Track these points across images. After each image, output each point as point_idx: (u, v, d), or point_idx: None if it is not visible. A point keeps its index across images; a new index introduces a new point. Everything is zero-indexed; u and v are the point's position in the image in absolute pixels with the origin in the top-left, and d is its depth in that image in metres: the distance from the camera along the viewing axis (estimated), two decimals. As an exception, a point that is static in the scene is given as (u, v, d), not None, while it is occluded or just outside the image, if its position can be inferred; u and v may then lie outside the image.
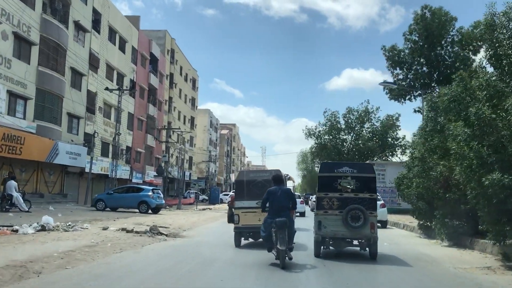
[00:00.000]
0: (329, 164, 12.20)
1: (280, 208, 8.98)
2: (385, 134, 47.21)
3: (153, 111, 51.15)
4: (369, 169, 10.46)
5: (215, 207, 46.52)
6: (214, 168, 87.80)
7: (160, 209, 28.30)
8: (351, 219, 9.72)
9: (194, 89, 71.77)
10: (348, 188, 9.97)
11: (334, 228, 9.87)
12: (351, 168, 10.19)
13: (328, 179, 10.08)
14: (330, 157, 45.47)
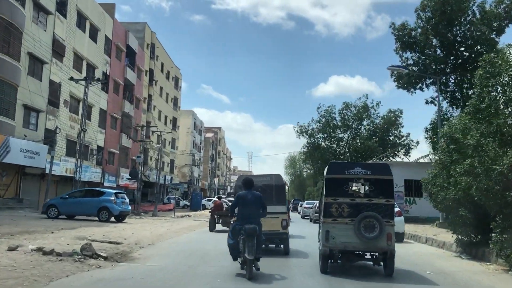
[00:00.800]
0: (339, 164, 11.19)
1: (250, 214, 8.35)
2: (386, 132, 42.50)
3: (130, 108, 46.36)
4: (385, 170, 8.87)
5: (196, 214, 41.80)
6: (198, 173, 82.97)
7: (125, 216, 23.54)
8: (365, 228, 8.36)
9: (177, 88, 67.06)
10: (361, 193, 8.71)
11: (345, 239, 8.45)
12: (364, 169, 8.76)
13: (337, 182, 8.71)
14: (324, 158, 41.39)
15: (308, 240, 15.92)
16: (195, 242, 15.07)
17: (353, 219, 8.41)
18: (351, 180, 8.71)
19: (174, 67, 65.16)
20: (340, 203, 8.54)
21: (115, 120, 43.73)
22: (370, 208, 8.46)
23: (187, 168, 72.08)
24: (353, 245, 8.46)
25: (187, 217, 34.71)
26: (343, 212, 8.53)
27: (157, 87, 56.43)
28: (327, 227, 8.56)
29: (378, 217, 8.35)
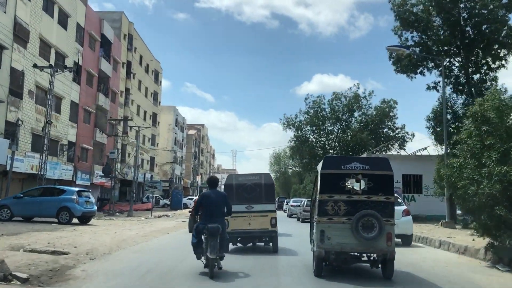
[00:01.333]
0: (334, 158, 10.28)
1: (214, 213, 8.20)
2: (380, 124, 39.38)
3: (105, 102, 43.23)
4: (385, 165, 8.16)
5: (175, 214, 38.96)
6: (180, 171, 79.90)
7: (90, 218, 20.65)
8: (363, 228, 7.64)
9: (157, 82, 63.92)
10: (359, 189, 8.07)
11: (341, 239, 7.75)
12: (362, 164, 8.05)
13: (332, 178, 7.98)
14: (312, 153, 38.83)
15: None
16: (163, 250, 12.35)
17: (350, 218, 7.77)
18: (348, 176, 8.04)
19: (154, 60, 62.04)
20: (336, 201, 7.86)
21: (89, 114, 40.57)
22: (368, 206, 7.81)
23: (168, 165, 68.98)
24: (351, 246, 7.78)
25: (165, 217, 31.92)
26: (340, 210, 7.85)
27: (135, 80, 53.31)
28: (322, 227, 7.83)
29: (378, 215, 7.66)
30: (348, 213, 7.80)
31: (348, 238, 7.74)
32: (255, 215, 11.45)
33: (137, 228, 19.07)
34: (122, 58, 49.13)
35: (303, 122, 41.14)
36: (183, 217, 33.01)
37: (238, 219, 11.25)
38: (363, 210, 7.73)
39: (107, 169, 34.06)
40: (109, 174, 34.71)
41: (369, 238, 7.64)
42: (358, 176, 8.07)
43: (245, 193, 11.57)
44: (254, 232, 11.49)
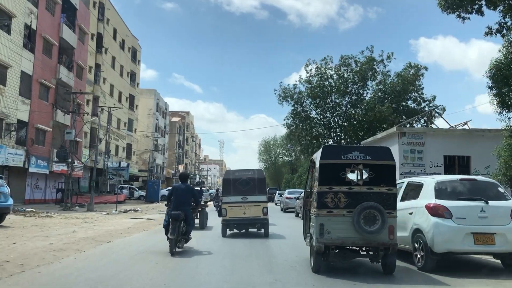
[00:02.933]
0: (334, 148, 10.05)
1: (180, 202, 9.64)
2: (402, 95, 29.98)
3: (68, 76, 36.61)
4: (386, 155, 7.55)
5: (149, 208, 32.69)
6: (163, 160, 73.41)
7: (3, 215, 14.27)
8: (365, 221, 7.15)
9: (135, 62, 57.21)
10: (360, 180, 7.42)
11: (342, 233, 7.25)
12: (363, 154, 7.51)
13: (332, 168, 7.42)
14: (314, 132, 31.91)
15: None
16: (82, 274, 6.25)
17: (351, 211, 7.20)
18: (348, 166, 7.36)
19: (131, 37, 55.29)
20: (336, 192, 7.28)
21: (47, 89, 33.96)
22: (370, 197, 7.21)
23: (148, 154, 62.51)
24: (352, 240, 7.24)
25: (132, 212, 25.71)
26: (340, 202, 7.26)
27: (108, 56, 46.63)
28: (321, 220, 7.24)
29: (380, 207, 7.11)
30: (348, 206, 7.24)
31: (349, 232, 7.19)
32: (249, 205, 12.85)
33: (66, 234, 12.79)
34: (91, 29, 42.43)
35: (304, 94, 32.84)
36: (155, 212, 26.80)
37: (234, 208, 12.76)
38: (365, 202, 7.16)
39: (62, 153, 27.67)
40: (64, 159, 28.25)
41: (371, 232, 7.08)
42: (359, 166, 7.41)
43: (241, 186, 12.96)
44: (248, 220, 12.87)
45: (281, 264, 8.32)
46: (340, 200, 7.28)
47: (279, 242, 11.75)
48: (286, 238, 12.60)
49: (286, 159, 73.97)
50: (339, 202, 7.27)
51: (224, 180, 13.55)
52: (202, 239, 11.99)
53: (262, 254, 9.60)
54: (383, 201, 7.21)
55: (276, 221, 19.36)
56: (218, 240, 12.20)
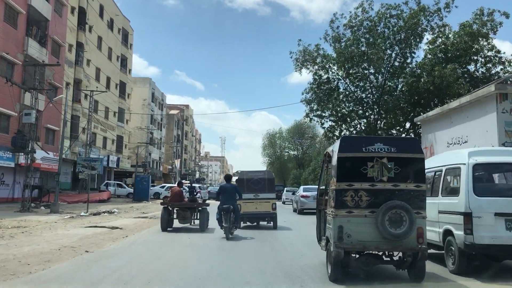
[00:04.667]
0: (354, 139, 7.90)
1: (227, 198, 11.77)
2: (469, 53, 21.18)
3: (40, 52, 30.55)
4: (414, 146, 6.84)
5: (134, 208, 26.63)
6: (159, 155, 67.33)
7: None
8: (390, 222, 6.40)
9: (126, 45, 51.07)
10: (384, 176, 6.58)
11: (364, 237, 6.45)
12: (387, 145, 6.69)
13: (352, 162, 6.61)
14: (343, 111, 23.96)
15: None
16: None
17: (375, 211, 6.41)
18: (370, 160, 6.55)
19: (121, 16, 49.12)
20: (356, 190, 6.48)
21: (11, 66, 27.94)
22: (396, 195, 6.46)
23: (141, 148, 56.44)
24: (375, 245, 6.47)
25: (105, 215, 19.73)
26: (361, 201, 6.47)
27: (93, 35, 40.52)
28: (340, 222, 6.44)
29: (407, 207, 6.36)
30: (371, 205, 6.46)
31: (372, 235, 6.44)
32: (260, 201, 14.69)
33: None
34: (71, 1, 36.31)
35: (330, 59, 23.90)
36: (136, 214, 20.80)
37: (248, 204, 14.52)
38: (390, 201, 6.41)
39: (18, 139, 21.57)
40: (22, 149, 22.17)
41: (397, 235, 6.37)
42: (382, 160, 6.57)
43: (253, 185, 14.84)
44: (259, 214, 14.75)
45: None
46: (361, 199, 6.50)
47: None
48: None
49: (292, 153, 67.75)
50: (360, 201, 6.50)
51: (238, 180, 15.27)
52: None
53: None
54: (410, 200, 6.48)
55: (292, 225, 16.24)
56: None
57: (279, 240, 11.80)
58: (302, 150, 65.81)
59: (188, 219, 13.69)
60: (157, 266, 7.44)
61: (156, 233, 12.96)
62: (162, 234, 12.66)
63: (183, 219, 13.75)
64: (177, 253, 9.27)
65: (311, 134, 64.30)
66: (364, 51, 22.02)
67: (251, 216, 14.75)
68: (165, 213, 13.21)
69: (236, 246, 10.25)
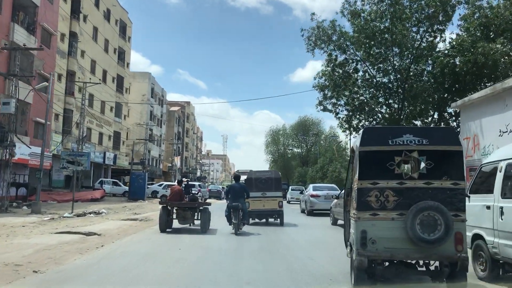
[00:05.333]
0: (378, 131, 7.20)
1: (236, 197, 12.33)
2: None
3: (28, 40, 28.07)
4: (451, 137, 5.83)
5: (127, 207, 24.23)
6: (159, 152, 64.94)
7: None
8: (422, 226, 5.50)
9: (124, 38, 48.65)
10: (414, 173, 5.83)
11: (391, 243, 5.60)
12: (418, 137, 5.74)
13: (376, 157, 5.76)
14: (361, 99, 20.88)
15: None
16: None
17: (404, 213, 5.53)
18: (398, 154, 5.70)
19: (119, 8, 46.70)
20: (382, 189, 5.62)
21: (-6, 53, 25.51)
22: (429, 195, 5.55)
23: (140, 144, 54.06)
24: (405, 253, 5.58)
25: (91, 216, 17.35)
26: (388, 202, 5.60)
27: (87, 25, 38.11)
28: (363, 226, 5.58)
29: (443, 208, 5.44)
30: (399, 206, 5.58)
31: (401, 241, 5.56)
32: (268, 199, 15.36)
33: None
34: (64, -12, 33.94)
35: (348, 36, 20.37)
36: (126, 215, 18.45)
37: (256, 202, 15.17)
38: (422, 202, 5.50)
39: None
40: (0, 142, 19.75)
41: (431, 241, 5.45)
42: (413, 153, 5.70)
43: (261, 184, 15.55)
44: (267, 211, 15.44)
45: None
46: (388, 199, 5.65)
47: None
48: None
49: (296, 151, 65.04)
50: (387, 202, 5.65)
51: (247, 179, 15.97)
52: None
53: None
54: (447, 200, 5.58)
55: (304, 229, 14.21)
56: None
57: (287, 242, 10.77)
58: (306, 148, 63.19)
59: (188, 220, 12.85)
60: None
61: (142, 240, 10.59)
62: (150, 242, 10.32)
63: (183, 219, 12.86)
64: (161, 272, 6.85)
65: (315, 130, 61.71)
66: (388, 27, 18.95)
67: (259, 213, 15.44)
68: (164, 213, 12.33)
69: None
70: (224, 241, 10.72)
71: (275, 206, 15.27)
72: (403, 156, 5.75)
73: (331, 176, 31.37)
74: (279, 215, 15.43)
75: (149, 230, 12.67)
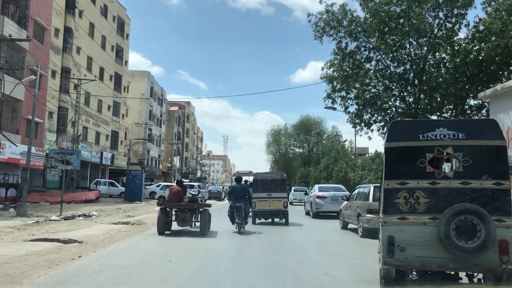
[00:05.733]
0: (407, 124, 5.86)
1: (238, 197, 12.80)
2: None
3: (18, 34, 26.71)
4: (491, 130, 5.08)
5: (121, 209, 22.81)
6: (158, 152, 63.50)
7: None
8: (458, 233, 4.86)
9: (122, 35, 47.25)
10: (449, 171, 5.24)
11: (422, 251, 4.96)
12: (452, 131, 5.08)
13: (405, 154, 5.16)
14: (373, 91, 19.22)
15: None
16: None
17: (437, 217, 4.90)
18: (430, 150, 5.07)
19: (117, 4, 45.24)
20: (411, 190, 5.02)
21: (-18, 48, 24.10)
22: (466, 196, 4.90)
23: (139, 144, 52.64)
24: (439, 262, 4.88)
25: (80, 219, 15.92)
26: (418, 204, 4.99)
27: (83, 21, 36.71)
28: (390, 231, 5.01)
29: (482, 212, 4.75)
30: (432, 209, 4.95)
31: (434, 249, 4.90)
32: (273, 200, 15.62)
33: None
34: (57, -19, 32.56)
35: (359, 22, 18.40)
36: (118, 218, 17.07)
37: (262, 202, 15.59)
38: (458, 204, 4.84)
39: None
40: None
41: (469, 250, 4.75)
42: (447, 149, 5.06)
43: (266, 185, 15.83)
44: (272, 211, 15.73)
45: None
46: (418, 201, 5.03)
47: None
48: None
49: (298, 151, 63.46)
50: (417, 204, 5.03)
51: (254, 181, 16.66)
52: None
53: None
54: (487, 203, 4.86)
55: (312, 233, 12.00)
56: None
57: (297, 253, 9.21)
58: (308, 148, 61.63)
59: (187, 222, 12.26)
60: None
61: (128, 248, 9.15)
62: (137, 251, 8.90)
63: (182, 221, 12.21)
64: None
65: (317, 130, 60.23)
66: (404, 10, 17.04)
67: (265, 213, 15.81)
68: (162, 214, 11.73)
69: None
70: (223, 253, 9.30)
71: (280, 206, 15.58)
72: (436, 153, 5.13)
73: (337, 176, 29.98)
74: (284, 215, 15.75)
75: (139, 236, 11.24)
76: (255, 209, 15.62)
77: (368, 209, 11.62)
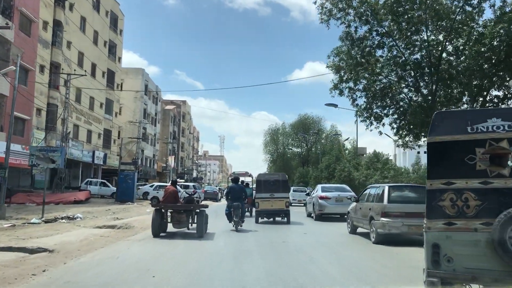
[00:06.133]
0: (454, 115, 5.09)
1: (236, 197, 13.27)
2: None
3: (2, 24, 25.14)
4: None
5: (111, 211, 21.32)
6: (153, 152, 61.95)
7: None
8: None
9: (116, 31, 45.68)
10: (504, 169, 4.35)
11: (474, 262, 4.28)
12: (508, 121, 4.35)
13: (451, 150, 4.49)
14: (384, 81, 17.54)
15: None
16: None
17: (490, 222, 4.21)
18: (481, 145, 4.35)
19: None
20: (459, 191, 4.36)
21: (-37, 39, 22.61)
22: None
23: (132, 143, 51.10)
24: (494, 276, 4.14)
25: (62, 222, 14.50)
26: (468, 208, 4.32)
27: (74, 15, 35.18)
28: (435, 238, 4.38)
29: None
30: (484, 213, 4.25)
31: (488, 260, 4.17)
32: (276, 199, 16.02)
33: None
34: (47, -28, 31.02)
35: (371, 2, 16.45)
36: (105, 220, 15.63)
37: (265, 202, 16.07)
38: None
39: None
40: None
41: None
42: (501, 143, 4.30)
43: (269, 186, 16.31)
44: (275, 211, 16.12)
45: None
46: (467, 204, 4.34)
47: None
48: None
49: (296, 150, 62.03)
50: (467, 208, 4.34)
51: (257, 181, 17.09)
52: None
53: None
54: None
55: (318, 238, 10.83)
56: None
57: (309, 268, 7.49)
58: (307, 147, 60.20)
59: (183, 223, 11.73)
60: None
61: (106, 260, 7.70)
62: (116, 263, 7.48)
63: (178, 223, 11.70)
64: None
65: (316, 129, 58.83)
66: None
67: (268, 212, 16.20)
68: (157, 216, 11.24)
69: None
70: (220, 261, 7.87)
71: (282, 206, 15.99)
72: (488, 147, 4.40)
73: (339, 175, 28.63)
74: (286, 214, 16.18)
75: (123, 243, 9.78)
76: (258, 208, 16.22)
77: (383, 211, 10.21)
